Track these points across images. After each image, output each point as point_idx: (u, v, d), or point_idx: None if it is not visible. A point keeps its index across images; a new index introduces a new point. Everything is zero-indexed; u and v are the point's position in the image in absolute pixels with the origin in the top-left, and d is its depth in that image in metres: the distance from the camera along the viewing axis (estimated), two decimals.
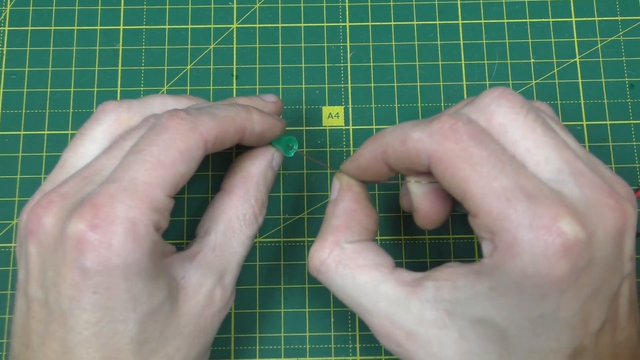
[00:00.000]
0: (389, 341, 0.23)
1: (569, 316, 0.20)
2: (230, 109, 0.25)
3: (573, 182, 0.20)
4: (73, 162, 0.25)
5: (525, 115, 0.21)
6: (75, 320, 0.21)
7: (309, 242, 0.32)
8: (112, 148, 0.24)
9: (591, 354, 0.21)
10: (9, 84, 0.34)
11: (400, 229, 0.32)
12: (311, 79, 0.34)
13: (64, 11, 0.35)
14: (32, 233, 0.22)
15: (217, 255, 0.25)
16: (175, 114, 0.23)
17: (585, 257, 0.19)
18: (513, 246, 0.19)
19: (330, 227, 0.25)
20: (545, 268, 0.19)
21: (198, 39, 0.35)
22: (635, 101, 0.34)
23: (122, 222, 0.21)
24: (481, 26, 0.35)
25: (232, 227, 0.26)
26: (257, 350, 0.31)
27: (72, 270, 0.21)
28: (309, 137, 0.33)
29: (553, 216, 0.19)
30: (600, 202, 0.20)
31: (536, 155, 0.21)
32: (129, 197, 0.21)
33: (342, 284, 0.24)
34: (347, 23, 0.35)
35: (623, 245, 0.20)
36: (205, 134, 0.23)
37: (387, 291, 0.23)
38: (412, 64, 0.34)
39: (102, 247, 0.20)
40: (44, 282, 0.22)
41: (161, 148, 0.22)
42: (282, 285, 0.32)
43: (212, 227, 0.26)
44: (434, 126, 0.22)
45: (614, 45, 0.35)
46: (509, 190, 0.20)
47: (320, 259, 0.25)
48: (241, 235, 0.26)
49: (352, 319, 0.31)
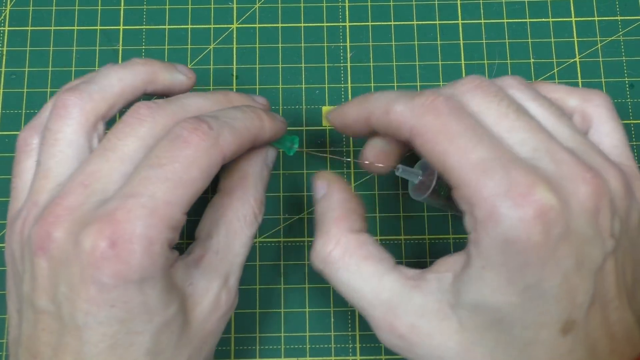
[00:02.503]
0: (390, 335, 0.23)
1: (553, 286, 0.21)
2: (246, 118, 0.25)
3: (548, 158, 0.21)
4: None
5: (499, 103, 0.23)
6: (91, 333, 0.21)
7: (309, 242, 0.32)
8: (106, 149, 0.23)
9: (583, 331, 0.21)
10: (9, 84, 0.34)
11: (401, 229, 0.32)
12: (311, 79, 0.34)
13: (64, 11, 0.35)
14: (42, 248, 0.21)
15: (220, 258, 0.25)
16: (198, 127, 0.22)
17: (561, 224, 0.20)
18: (492, 214, 0.20)
19: (330, 219, 0.25)
20: (524, 233, 0.20)
21: (198, 39, 0.35)
22: (635, 101, 0.34)
23: (140, 240, 0.20)
24: (481, 26, 0.35)
25: (234, 228, 0.26)
26: (257, 350, 0.31)
27: (88, 285, 0.21)
28: (309, 137, 0.33)
29: (528, 184, 0.20)
30: (574, 175, 0.21)
31: (510, 139, 0.22)
32: (149, 215, 0.21)
33: (347, 275, 0.24)
34: (347, 23, 0.35)
35: (599, 219, 0.21)
36: (225, 149, 0.23)
37: (390, 283, 0.24)
38: (412, 64, 0.34)
39: (120, 264, 0.20)
40: (55, 296, 0.21)
41: (183, 166, 0.22)
42: (282, 285, 0.32)
43: (213, 230, 0.26)
44: (416, 101, 0.23)
45: (613, 45, 0.35)
46: (486, 161, 0.21)
47: (326, 251, 0.25)
48: (243, 236, 0.26)
49: (352, 319, 0.31)
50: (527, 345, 0.21)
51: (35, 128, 0.25)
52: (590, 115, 0.25)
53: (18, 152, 0.25)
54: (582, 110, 0.26)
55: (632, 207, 0.23)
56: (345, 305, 0.31)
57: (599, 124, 0.25)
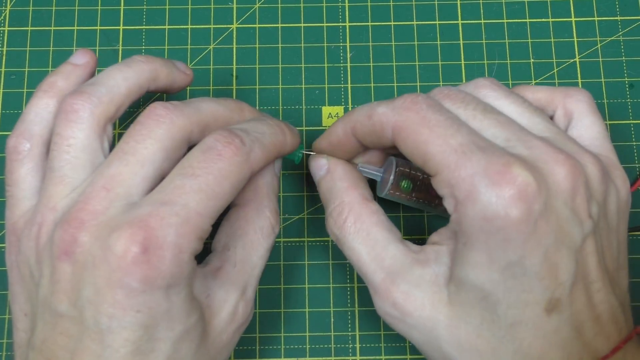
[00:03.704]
0: (386, 302, 0.25)
1: (535, 264, 0.21)
2: (273, 133, 0.25)
3: (522, 145, 0.22)
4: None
5: (465, 108, 0.24)
6: (114, 338, 0.21)
7: (309, 242, 0.32)
8: (125, 153, 0.23)
9: (568, 310, 0.22)
10: (9, 84, 0.34)
11: (401, 229, 0.32)
12: (311, 79, 0.34)
13: (64, 11, 0.35)
14: (66, 253, 0.21)
15: (238, 270, 0.25)
16: (231, 142, 0.23)
17: (539, 201, 0.21)
18: (471, 193, 0.21)
19: (341, 189, 0.27)
20: (502, 209, 0.21)
21: (198, 39, 0.35)
22: (635, 101, 0.34)
23: (170, 247, 0.21)
24: (481, 26, 0.35)
25: (251, 240, 0.26)
26: (257, 350, 0.31)
27: (115, 289, 0.21)
28: (309, 137, 0.33)
29: (505, 163, 0.21)
30: (548, 158, 0.22)
31: (482, 134, 0.23)
32: (181, 224, 0.21)
33: (357, 240, 0.26)
34: (347, 23, 0.35)
35: (576, 200, 0.22)
36: (254, 165, 0.24)
37: (394, 252, 0.25)
38: (412, 64, 0.34)
39: (150, 269, 0.21)
40: (77, 300, 0.21)
41: (217, 178, 0.22)
42: (282, 285, 0.32)
43: (230, 242, 0.26)
44: (397, 102, 0.24)
45: (613, 45, 0.35)
46: (464, 145, 0.22)
47: (342, 218, 0.26)
48: (260, 248, 0.26)
49: (352, 319, 0.31)
50: (513, 325, 0.22)
51: (24, 134, 0.25)
52: (571, 110, 0.26)
53: (10, 161, 0.25)
54: (564, 106, 0.27)
55: (609, 193, 0.23)
56: (345, 305, 0.31)
57: (579, 118, 0.26)
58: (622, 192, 0.24)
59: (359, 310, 0.31)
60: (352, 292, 0.31)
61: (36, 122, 0.25)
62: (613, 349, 0.22)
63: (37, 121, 0.25)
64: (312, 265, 0.32)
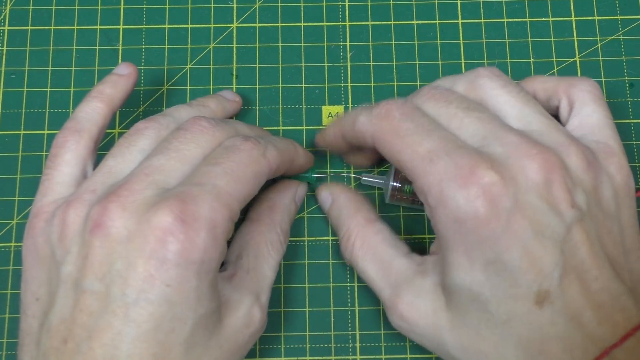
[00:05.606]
0: (394, 316, 0.26)
1: (514, 259, 0.22)
2: (284, 142, 0.27)
3: (497, 143, 0.23)
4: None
5: (447, 107, 0.25)
6: (139, 311, 0.21)
7: (309, 242, 0.32)
8: (169, 149, 0.24)
9: (560, 301, 0.22)
10: (9, 84, 0.34)
11: (401, 229, 0.32)
12: (311, 78, 0.34)
13: (64, 11, 0.35)
14: (99, 226, 0.22)
15: (251, 277, 0.27)
16: (248, 139, 0.25)
17: (508, 198, 0.22)
18: (441, 198, 0.22)
19: (346, 217, 0.29)
20: (470, 209, 0.22)
21: (198, 38, 0.35)
22: (635, 101, 0.34)
23: (206, 221, 0.22)
24: (481, 25, 0.35)
25: (262, 251, 0.28)
26: (257, 350, 0.31)
27: (148, 261, 0.21)
28: (309, 137, 0.33)
29: (471, 166, 0.22)
30: (520, 154, 0.22)
31: (462, 134, 0.24)
32: (213, 200, 0.22)
33: (366, 261, 0.27)
34: (347, 22, 0.35)
35: (553, 191, 0.22)
36: (271, 161, 0.25)
37: (398, 267, 0.26)
38: (412, 63, 0.34)
39: (187, 241, 0.21)
40: (106, 275, 0.22)
41: (239, 165, 0.24)
42: (282, 285, 0.32)
43: (243, 252, 0.27)
44: (374, 111, 0.25)
45: (613, 45, 0.35)
46: (432, 151, 0.23)
47: (350, 244, 0.28)
48: (270, 260, 0.28)
49: (352, 319, 0.31)
50: (507, 321, 0.22)
51: (72, 128, 0.27)
52: (574, 98, 0.27)
53: (56, 147, 0.27)
54: (568, 96, 0.27)
55: (601, 181, 0.24)
56: (346, 305, 0.31)
57: (580, 106, 0.26)
58: (616, 178, 0.24)
59: (359, 310, 0.31)
60: (352, 292, 0.31)
61: (86, 120, 0.27)
62: (622, 338, 0.22)
63: (87, 119, 0.27)
64: (312, 264, 0.32)
